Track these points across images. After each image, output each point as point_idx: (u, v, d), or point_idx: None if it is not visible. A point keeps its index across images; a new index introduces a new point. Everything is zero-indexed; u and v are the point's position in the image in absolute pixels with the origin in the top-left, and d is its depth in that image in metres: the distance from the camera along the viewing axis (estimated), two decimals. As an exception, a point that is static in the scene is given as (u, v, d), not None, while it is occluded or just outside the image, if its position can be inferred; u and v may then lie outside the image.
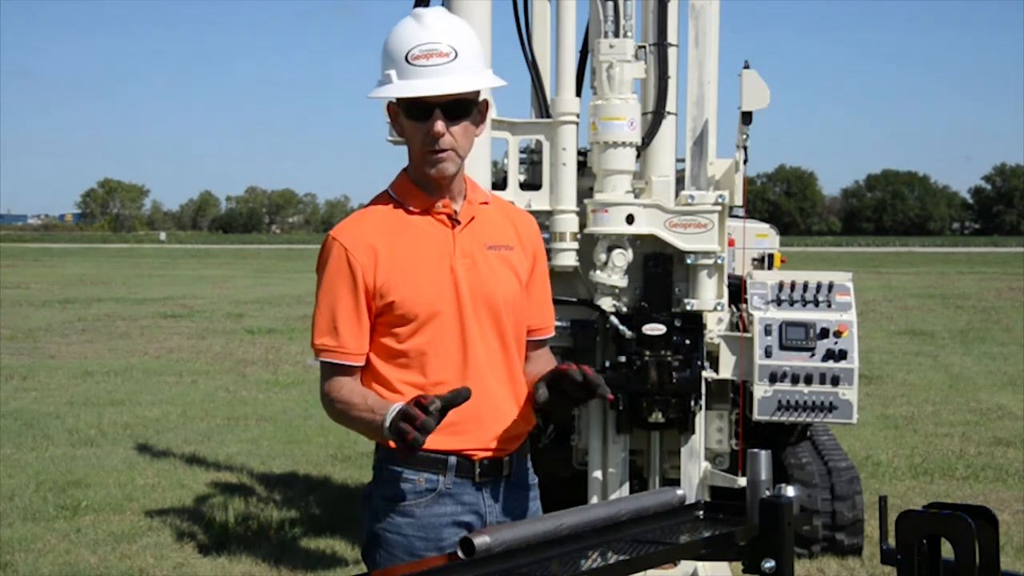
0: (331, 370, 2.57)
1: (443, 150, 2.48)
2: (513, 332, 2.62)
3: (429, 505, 2.54)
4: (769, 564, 1.98)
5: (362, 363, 2.56)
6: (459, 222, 2.58)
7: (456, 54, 2.45)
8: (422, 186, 2.57)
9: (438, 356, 2.52)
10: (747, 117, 4.46)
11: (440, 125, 2.45)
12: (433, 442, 2.41)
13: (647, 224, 4.57)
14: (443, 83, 2.43)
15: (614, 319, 4.62)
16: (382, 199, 2.62)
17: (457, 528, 2.52)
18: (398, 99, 2.50)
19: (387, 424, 2.36)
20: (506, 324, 2.60)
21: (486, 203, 2.67)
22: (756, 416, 4.68)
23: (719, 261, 4.62)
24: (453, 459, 2.54)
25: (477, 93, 2.52)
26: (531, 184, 4.83)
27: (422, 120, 2.47)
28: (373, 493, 2.62)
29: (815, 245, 70.68)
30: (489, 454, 2.58)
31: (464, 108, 2.49)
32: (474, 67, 2.48)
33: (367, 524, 2.63)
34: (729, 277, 4.90)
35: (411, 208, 2.57)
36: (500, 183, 4.72)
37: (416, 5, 4.68)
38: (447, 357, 2.52)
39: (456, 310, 2.53)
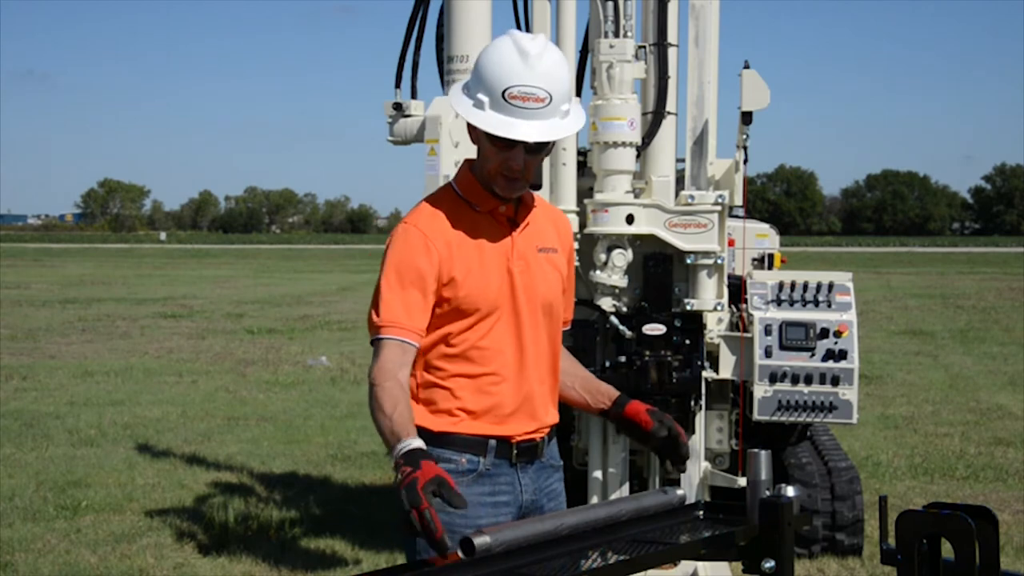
0: (391, 348, 2.59)
1: (516, 179, 2.63)
2: (557, 331, 2.80)
3: (470, 485, 2.64)
4: (769, 564, 1.98)
5: (419, 346, 2.63)
6: (518, 224, 2.73)
7: (551, 99, 2.56)
8: (488, 188, 2.68)
9: (493, 351, 2.65)
10: (747, 117, 4.46)
11: (520, 161, 2.59)
12: (476, 428, 2.65)
13: (647, 224, 4.57)
14: (535, 129, 2.55)
15: (614, 319, 4.62)
16: (447, 194, 2.74)
17: (494, 508, 2.65)
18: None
19: (393, 459, 2.43)
20: (553, 324, 2.77)
21: (535, 205, 2.81)
22: (756, 416, 4.68)
23: (719, 261, 4.62)
24: (493, 442, 2.68)
25: None
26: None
27: (504, 149, 2.59)
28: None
29: (815, 245, 70.64)
30: (525, 438, 2.72)
31: (543, 145, 2.62)
32: (563, 111, 2.60)
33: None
34: (729, 277, 4.90)
35: (477, 207, 2.69)
36: (500, 183, 4.71)
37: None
38: (501, 353, 2.66)
39: (513, 308, 2.67)
